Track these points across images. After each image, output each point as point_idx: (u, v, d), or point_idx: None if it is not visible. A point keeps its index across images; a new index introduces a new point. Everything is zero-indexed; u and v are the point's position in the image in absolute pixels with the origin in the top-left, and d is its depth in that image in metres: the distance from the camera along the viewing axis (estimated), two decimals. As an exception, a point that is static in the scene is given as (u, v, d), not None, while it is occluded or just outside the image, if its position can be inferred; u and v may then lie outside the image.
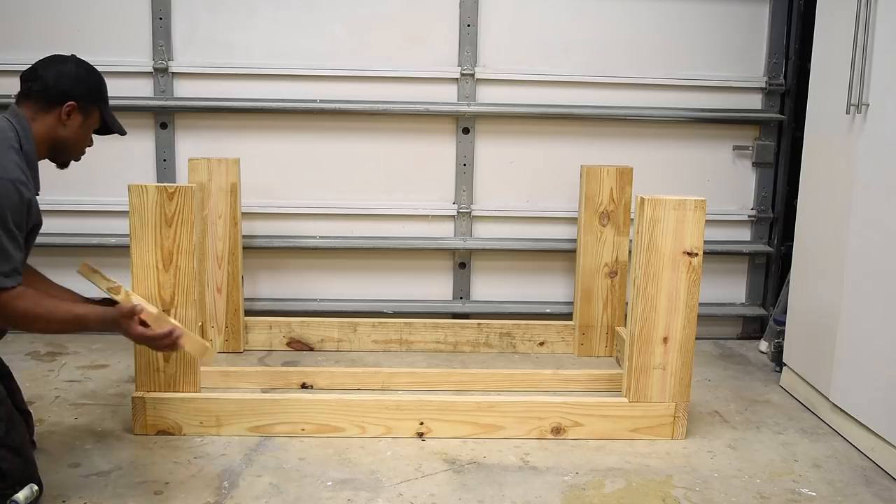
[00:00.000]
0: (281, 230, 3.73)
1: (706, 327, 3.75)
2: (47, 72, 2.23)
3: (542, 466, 2.50)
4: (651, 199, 2.58)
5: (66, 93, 2.21)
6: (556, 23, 3.66)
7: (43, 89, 2.21)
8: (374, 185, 3.74)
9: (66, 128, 2.24)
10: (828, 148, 2.95)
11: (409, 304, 3.78)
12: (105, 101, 2.35)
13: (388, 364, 3.39)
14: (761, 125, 3.78)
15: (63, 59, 2.29)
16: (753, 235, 3.89)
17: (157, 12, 3.54)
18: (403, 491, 2.32)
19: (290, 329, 3.55)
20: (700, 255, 2.60)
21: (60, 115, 2.22)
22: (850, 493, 2.39)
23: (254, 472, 2.41)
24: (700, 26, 3.69)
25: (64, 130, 2.24)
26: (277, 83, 3.63)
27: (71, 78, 2.23)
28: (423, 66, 3.66)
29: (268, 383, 3.05)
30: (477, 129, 3.71)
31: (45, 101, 2.21)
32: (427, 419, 2.66)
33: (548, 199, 3.77)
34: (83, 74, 2.27)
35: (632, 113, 3.71)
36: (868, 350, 2.65)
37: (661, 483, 2.42)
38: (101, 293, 2.33)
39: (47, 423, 2.70)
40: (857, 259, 2.72)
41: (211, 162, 3.35)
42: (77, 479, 2.34)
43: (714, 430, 2.81)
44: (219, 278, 3.42)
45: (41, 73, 2.23)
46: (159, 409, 2.61)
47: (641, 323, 2.64)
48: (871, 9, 2.63)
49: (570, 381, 3.07)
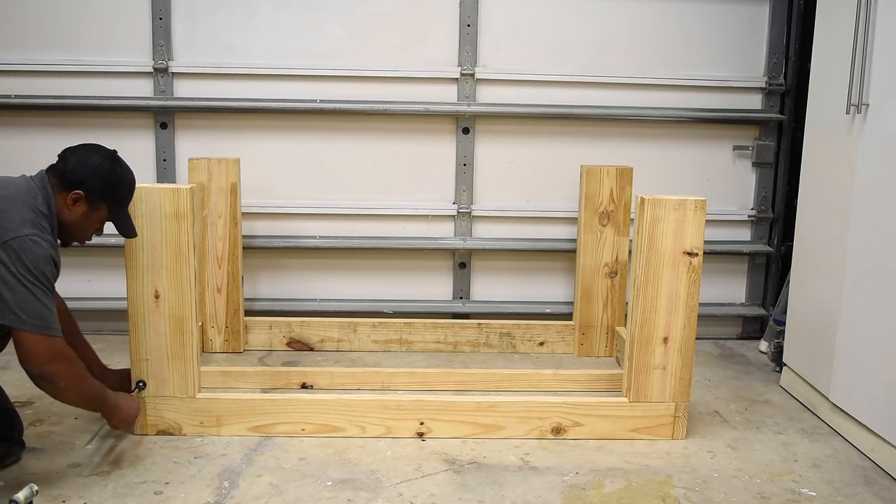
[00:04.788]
0: (281, 230, 3.73)
1: (706, 327, 3.75)
2: (73, 156, 2.30)
3: (542, 466, 2.50)
4: (651, 199, 2.58)
5: (79, 181, 2.27)
6: (555, 23, 3.66)
7: (62, 170, 2.28)
8: (374, 185, 3.74)
9: (70, 212, 2.29)
10: (828, 148, 2.95)
11: (409, 304, 3.78)
12: (118, 201, 2.36)
13: (388, 364, 3.39)
14: (761, 125, 3.78)
15: (95, 150, 2.34)
16: (753, 235, 3.89)
17: (157, 12, 3.54)
18: (403, 491, 2.32)
19: (290, 329, 3.55)
20: (700, 255, 2.60)
21: (67, 199, 2.27)
22: (850, 493, 2.39)
23: (254, 472, 2.41)
24: (700, 26, 3.69)
25: (68, 214, 2.29)
26: (277, 83, 3.63)
27: (91, 169, 2.28)
28: (423, 66, 3.66)
29: (268, 383, 3.05)
30: (477, 129, 3.71)
31: (60, 182, 2.28)
32: (427, 419, 2.66)
33: (548, 199, 3.77)
34: (104, 170, 2.30)
35: (632, 113, 3.71)
36: (868, 350, 2.65)
37: (661, 483, 2.42)
38: None
39: (47, 423, 2.70)
40: (857, 259, 2.72)
41: (211, 162, 3.35)
42: (77, 479, 2.34)
43: (714, 430, 2.81)
44: (219, 278, 3.42)
45: (68, 155, 2.31)
46: (159, 409, 2.61)
47: (641, 323, 2.64)
48: (871, 9, 2.63)
49: (570, 381, 3.07)
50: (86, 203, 2.29)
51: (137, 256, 2.52)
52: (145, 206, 2.50)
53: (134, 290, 2.54)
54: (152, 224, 2.51)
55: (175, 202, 2.51)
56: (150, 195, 2.49)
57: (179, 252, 2.52)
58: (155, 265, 2.53)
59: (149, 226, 2.51)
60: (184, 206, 2.51)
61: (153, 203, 2.50)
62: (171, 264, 2.53)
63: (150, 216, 2.51)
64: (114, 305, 3.61)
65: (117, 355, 3.39)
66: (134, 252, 2.52)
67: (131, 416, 2.48)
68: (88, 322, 3.69)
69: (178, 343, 2.57)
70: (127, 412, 2.46)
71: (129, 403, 2.48)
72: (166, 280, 2.54)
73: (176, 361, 2.59)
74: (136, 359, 2.58)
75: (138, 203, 2.49)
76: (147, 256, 2.52)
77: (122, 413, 2.44)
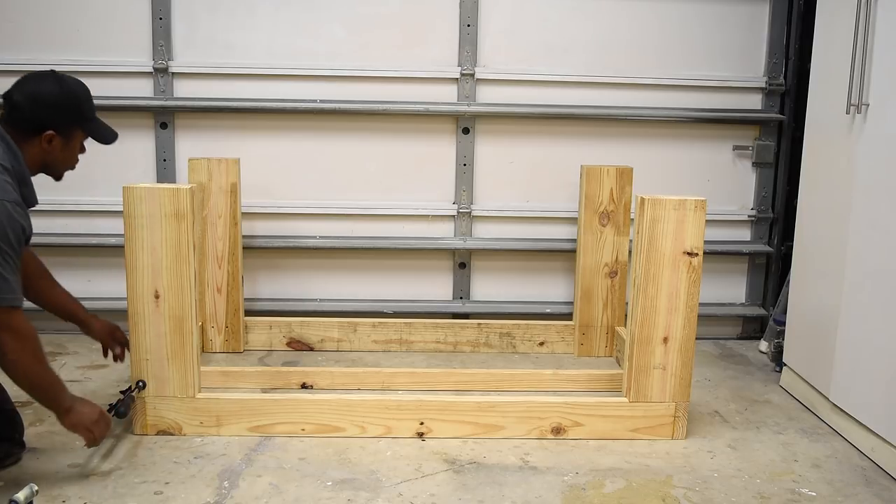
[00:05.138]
0: (281, 230, 3.73)
1: (706, 327, 3.75)
2: (24, 99, 2.19)
3: (542, 466, 2.50)
4: (651, 199, 2.58)
5: (42, 123, 2.19)
6: (555, 23, 3.66)
7: (21, 119, 2.19)
8: (374, 185, 3.74)
9: (49, 153, 2.24)
10: (828, 148, 2.95)
11: (409, 304, 3.78)
12: (87, 118, 2.31)
13: (388, 364, 3.39)
14: (761, 125, 3.78)
15: (39, 80, 2.24)
16: (753, 235, 3.89)
17: (157, 12, 3.54)
18: (403, 491, 2.32)
19: (290, 329, 3.55)
20: (700, 255, 2.60)
21: (41, 142, 2.21)
22: (850, 493, 2.39)
23: (254, 472, 2.41)
24: (700, 26, 3.69)
25: (49, 156, 2.25)
26: (277, 83, 3.63)
27: (47, 106, 2.20)
28: (423, 66, 3.66)
29: (268, 383, 3.05)
30: (477, 129, 3.71)
31: (25, 130, 2.19)
32: (427, 419, 2.66)
33: (548, 199, 3.77)
34: (59, 98, 2.22)
35: (632, 113, 3.71)
36: (868, 350, 2.65)
37: (661, 483, 2.42)
38: None
39: (47, 423, 2.69)
40: (857, 259, 2.72)
41: (211, 162, 3.35)
42: (77, 479, 2.34)
43: (714, 430, 2.81)
44: (219, 278, 3.42)
45: (17, 99, 2.19)
46: (159, 409, 2.61)
47: (641, 323, 2.64)
48: (871, 9, 2.63)
49: (570, 381, 3.07)
50: (60, 137, 2.23)
51: (137, 256, 2.52)
52: (145, 206, 2.49)
53: (134, 290, 2.54)
54: (152, 224, 2.51)
55: (175, 202, 2.50)
56: (150, 195, 2.49)
57: (179, 252, 2.52)
58: (155, 265, 2.53)
59: (149, 226, 2.50)
60: (184, 206, 2.51)
61: (153, 203, 2.50)
62: (171, 264, 2.53)
63: (150, 216, 2.50)
64: (114, 305, 3.60)
65: (117, 355, 3.39)
66: (134, 252, 2.52)
67: (83, 423, 2.26)
68: (88, 322, 3.70)
69: (178, 343, 2.57)
70: (79, 418, 2.25)
71: (87, 410, 2.28)
72: (166, 280, 2.53)
73: (176, 361, 2.59)
74: (136, 359, 2.58)
75: (138, 203, 2.48)
76: (147, 256, 2.52)
77: (75, 417, 2.25)
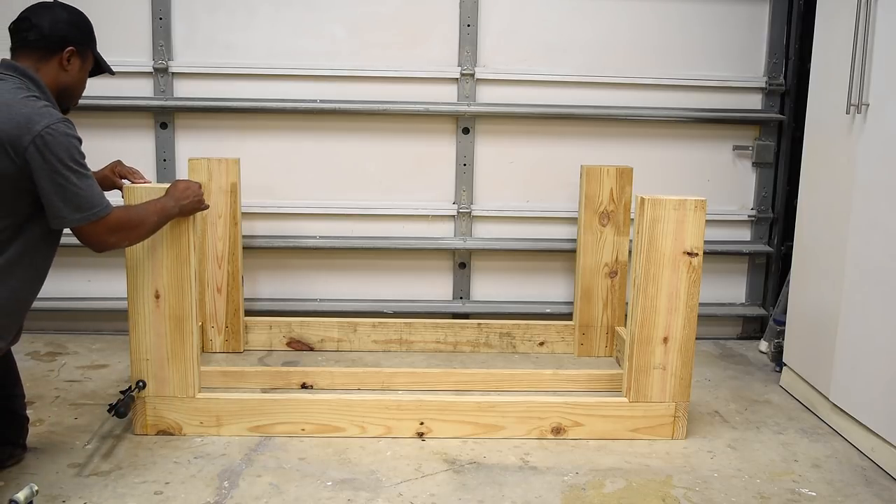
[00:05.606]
0: (281, 230, 3.73)
1: (706, 327, 3.75)
2: (41, 19, 2.20)
3: (542, 466, 2.50)
4: (651, 199, 2.58)
5: (63, 38, 2.21)
6: (555, 23, 3.66)
7: (41, 37, 2.19)
8: (374, 185, 3.74)
9: (67, 73, 2.25)
10: (828, 148, 2.95)
11: (409, 304, 3.78)
12: (94, 40, 2.35)
13: (388, 364, 3.39)
14: (761, 125, 3.78)
15: (50, 5, 2.27)
16: (753, 235, 3.89)
17: (157, 12, 3.54)
18: (403, 491, 2.32)
19: (290, 329, 3.55)
20: (700, 255, 2.60)
21: (62, 61, 2.22)
22: (850, 493, 2.39)
23: (254, 472, 2.41)
24: (700, 26, 3.69)
25: (66, 76, 2.24)
26: (277, 83, 3.63)
27: (65, 23, 2.23)
28: (423, 66, 3.66)
29: (268, 383, 3.05)
30: (477, 129, 3.71)
31: (45, 49, 2.20)
32: (427, 419, 2.66)
33: (548, 199, 3.77)
34: (74, 18, 2.27)
35: (632, 113, 3.71)
36: (868, 350, 2.65)
37: (661, 483, 2.42)
38: None
39: (47, 423, 2.70)
40: (857, 259, 2.72)
41: (211, 162, 3.36)
42: (77, 479, 2.34)
43: (714, 430, 2.81)
44: (219, 278, 3.42)
45: (35, 21, 2.20)
46: (159, 409, 2.61)
47: (641, 323, 2.64)
48: (871, 9, 2.63)
49: (570, 381, 3.07)
50: (78, 56, 2.25)
51: (137, 256, 2.52)
52: (145, 206, 2.50)
53: (134, 290, 2.54)
54: (152, 224, 2.51)
55: (175, 202, 2.50)
56: (150, 195, 2.48)
57: (179, 252, 2.52)
58: (155, 265, 2.53)
59: (149, 226, 2.50)
60: (184, 206, 2.50)
61: (153, 203, 2.50)
62: (171, 264, 2.53)
63: (150, 216, 2.50)
64: (114, 305, 3.61)
65: (117, 355, 3.39)
66: (134, 252, 2.52)
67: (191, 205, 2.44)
68: (88, 322, 3.71)
69: (178, 343, 2.57)
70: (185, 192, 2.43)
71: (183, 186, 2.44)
72: (166, 280, 2.53)
73: (176, 361, 2.59)
74: (136, 359, 2.58)
75: (138, 203, 2.49)
76: (147, 256, 2.52)
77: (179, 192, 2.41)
